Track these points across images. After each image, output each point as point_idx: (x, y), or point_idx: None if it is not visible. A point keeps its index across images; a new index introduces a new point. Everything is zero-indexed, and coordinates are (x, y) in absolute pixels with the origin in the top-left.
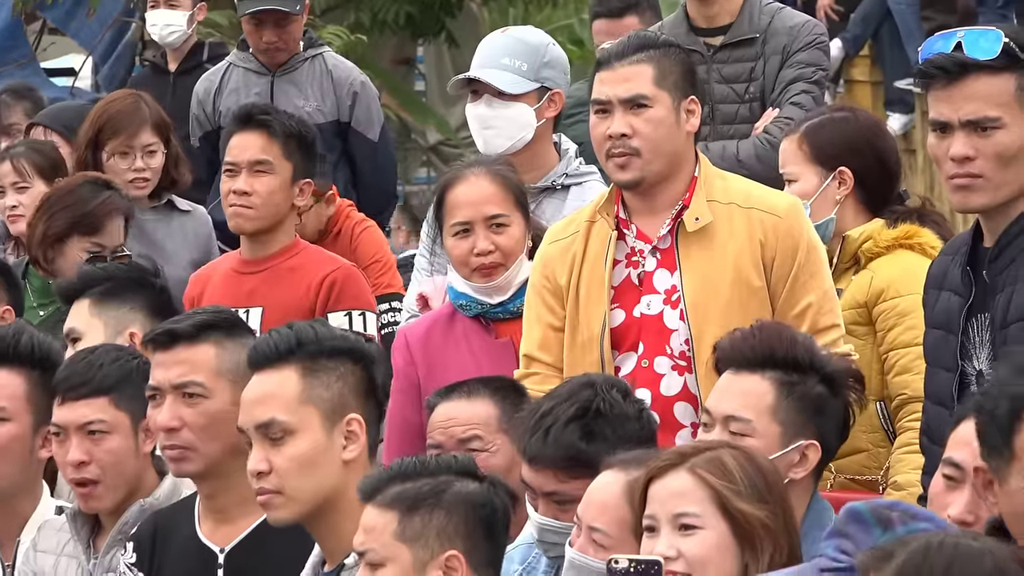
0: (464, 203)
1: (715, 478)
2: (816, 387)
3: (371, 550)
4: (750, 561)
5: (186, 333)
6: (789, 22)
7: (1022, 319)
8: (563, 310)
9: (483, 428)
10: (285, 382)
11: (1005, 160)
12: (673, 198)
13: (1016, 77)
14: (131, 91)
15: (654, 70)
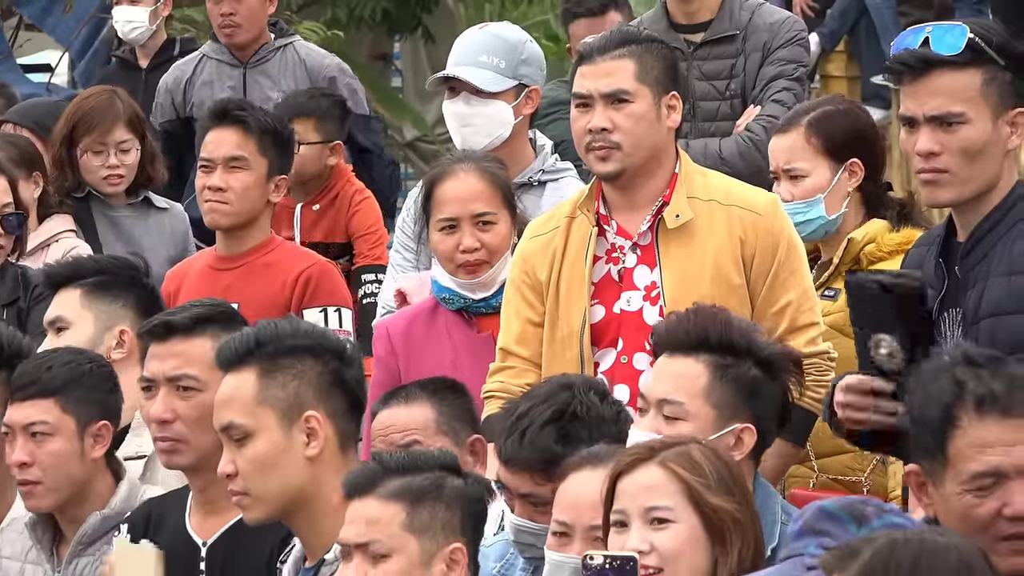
0: (452, 199)
1: (686, 472)
2: (752, 370)
3: (376, 541)
4: (720, 555)
5: (182, 325)
6: (769, 18)
7: (993, 315)
8: (542, 305)
9: (421, 432)
10: (243, 385)
11: (971, 155)
12: (654, 194)
13: (981, 72)
14: (107, 88)
15: (636, 65)
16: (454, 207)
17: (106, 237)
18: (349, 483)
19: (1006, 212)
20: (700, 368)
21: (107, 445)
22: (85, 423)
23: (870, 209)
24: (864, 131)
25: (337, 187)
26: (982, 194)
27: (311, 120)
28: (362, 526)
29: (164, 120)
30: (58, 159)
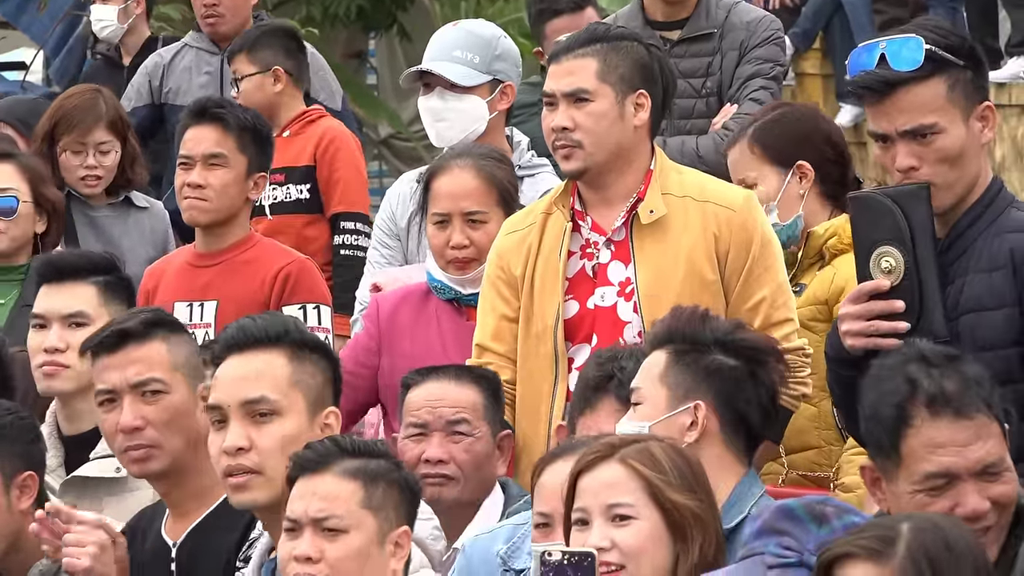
0: (444, 195)
1: (646, 468)
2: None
3: (334, 516)
4: (681, 551)
5: (136, 331)
6: (746, 17)
7: (973, 311)
8: (517, 301)
9: (471, 413)
10: (275, 363)
11: (950, 161)
12: (628, 190)
13: (944, 79)
14: (93, 87)
15: (599, 64)
16: (446, 203)
17: (85, 236)
18: (302, 460)
19: (985, 208)
20: (662, 356)
21: (34, 496)
22: (10, 475)
23: (837, 206)
24: (808, 133)
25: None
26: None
27: (243, 54)
28: (318, 501)
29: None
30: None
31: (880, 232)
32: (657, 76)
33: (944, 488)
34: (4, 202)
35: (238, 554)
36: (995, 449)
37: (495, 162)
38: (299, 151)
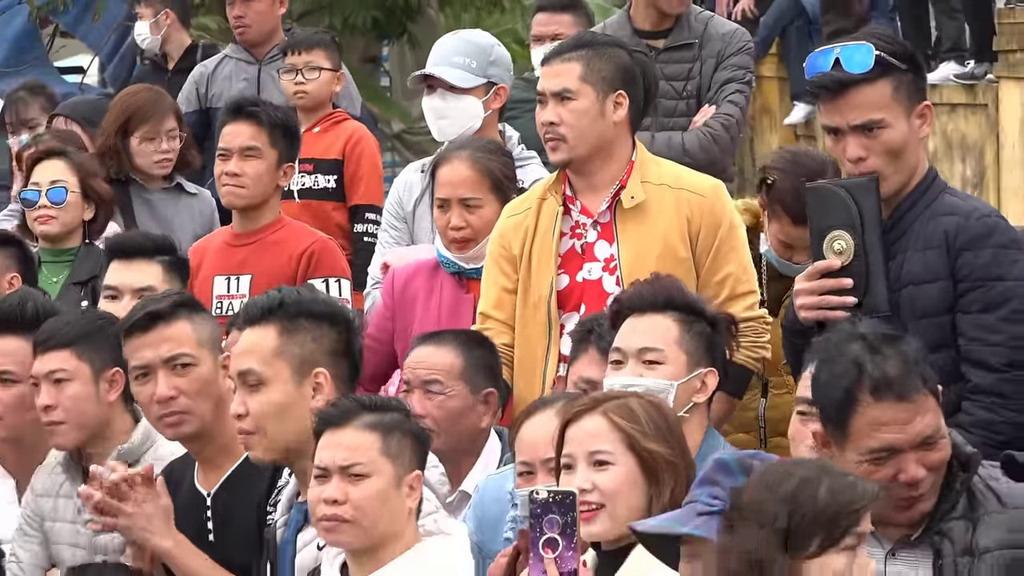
0: (444, 182)
1: (624, 421)
2: (706, 328)
3: (358, 464)
4: (654, 493)
5: (165, 312)
6: (722, 29)
7: (911, 284)
8: (516, 275)
9: (444, 374)
10: (263, 338)
11: (894, 153)
12: (611, 178)
13: (890, 81)
14: (148, 86)
15: (582, 67)
16: (446, 190)
17: (141, 217)
18: (326, 416)
19: (922, 194)
20: (669, 322)
21: (120, 389)
22: (99, 370)
23: None
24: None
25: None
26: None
27: (322, 49)
28: (343, 451)
29: (188, 111)
30: (110, 147)
31: (833, 218)
32: (638, 79)
33: (887, 459)
34: (55, 193)
35: (268, 500)
36: (932, 421)
37: (490, 154)
38: (328, 146)
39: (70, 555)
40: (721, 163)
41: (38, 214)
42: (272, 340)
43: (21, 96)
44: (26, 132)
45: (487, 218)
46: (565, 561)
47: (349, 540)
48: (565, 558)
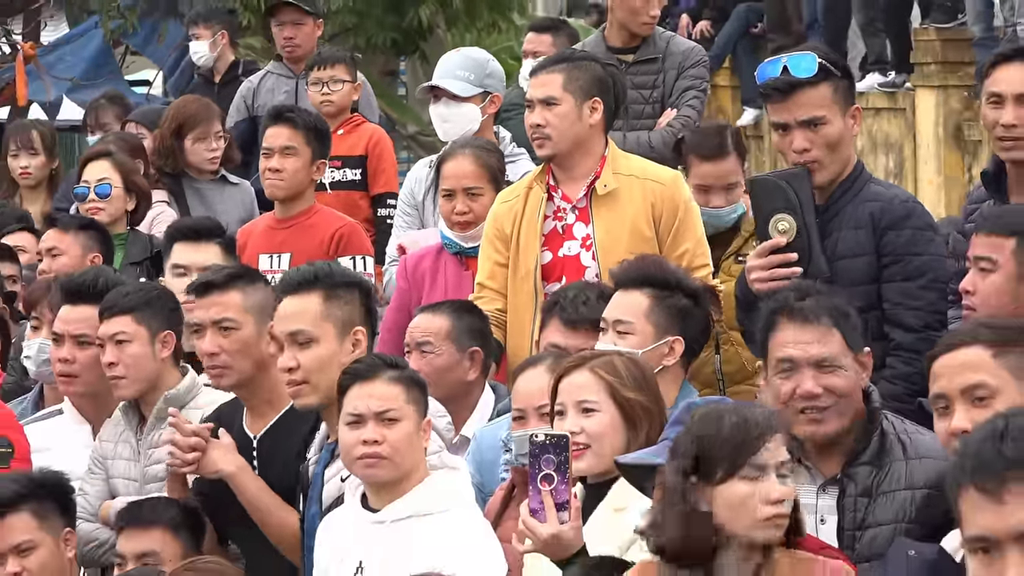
0: (450, 175)
1: (608, 375)
2: (682, 300)
3: (391, 410)
4: (632, 436)
5: (218, 282)
6: (681, 46)
7: (844, 258)
8: (507, 252)
9: (434, 336)
10: (310, 303)
11: (833, 146)
12: (588, 170)
13: (830, 85)
14: (198, 96)
15: (563, 78)
16: (451, 181)
17: (193, 204)
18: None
19: (852, 183)
20: (643, 297)
21: (171, 349)
22: (155, 332)
23: None
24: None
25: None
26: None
27: (343, 65)
28: (376, 400)
29: (238, 119)
30: (165, 147)
31: (776, 203)
32: (610, 87)
33: (789, 372)
34: (101, 188)
35: (307, 445)
36: (832, 351)
37: (488, 151)
38: (353, 145)
39: (124, 487)
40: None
41: (88, 207)
42: (318, 305)
43: (101, 103)
44: (100, 133)
45: (486, 205)
46: (559, 493)
47: (384, 475)
48: (559, 491)
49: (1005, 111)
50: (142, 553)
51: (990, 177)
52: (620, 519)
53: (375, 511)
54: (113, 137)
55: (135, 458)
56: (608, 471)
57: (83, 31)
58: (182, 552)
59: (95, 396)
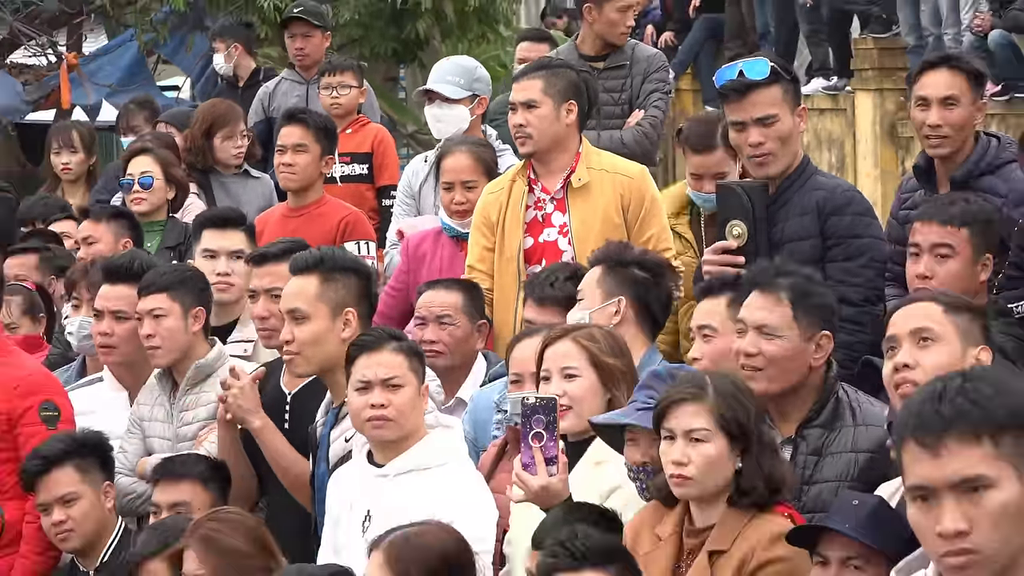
0: (449, 169)
1: (588, 343)
2: (633, 271)
3: (396, 376)
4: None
5: (274, 255)
6: (646, 53)
7: (791, 240)
8: (494, 237)
9: (452, 310)
10: (308, 285)
11: (784, 140)
12: (564, 165)
13: (781, 86)
14: (224, 100)
15: (543, 83)
16: (450, 175)
17: (219, 196)
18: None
19: (799, 175)
20: (598, 271)
21: (202, 323)
22: (187, 308)
23: None
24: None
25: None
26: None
27: (351, 72)
28: (383, 368)
29: (256, 120)
30: (196, 145)
31: (734, 209)
32: (584, 91)
33: (742, 332)
34: (144, 179)
35: None
36: (774, 320)
37: (482, 147)
38: (360, 142)
39: (159, 446)
40: (651, 153)
41: (132, 197)
42: (314, 287)
43: (131, 108)
44: (132, 135)
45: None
46: (548, 449)
47: (390, 435)
48: (548, 447)
49: (931, 113)
50: (175, 503)
51: (921, 170)
52: (600, 471)
53: (380, 466)
54: (150, 136)
55: (169, 420)
56: (587, 430)
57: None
58: (211, 502)
59: (131, 365)
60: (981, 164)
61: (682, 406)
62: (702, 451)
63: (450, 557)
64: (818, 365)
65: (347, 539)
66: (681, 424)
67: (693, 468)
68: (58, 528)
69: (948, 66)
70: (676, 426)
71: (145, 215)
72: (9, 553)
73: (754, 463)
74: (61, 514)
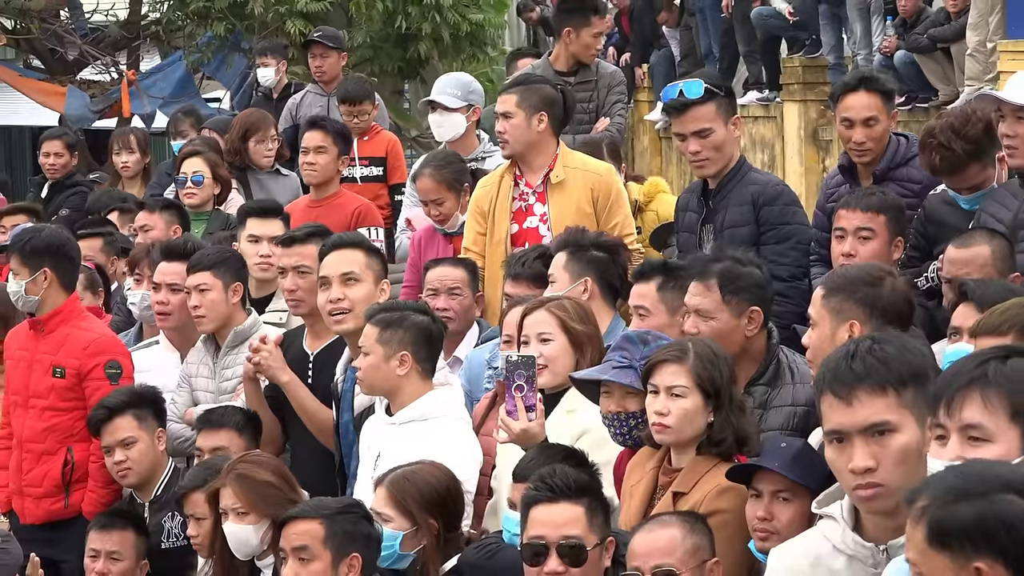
0: (419, 191)
1: (559, 312)
2: (593, 253)
3: (364, 346)
4: (580, 358)
5: (299, 237)
6: (609, 70)
7: (731, 227)
8: (485, 224)
9: (461, 283)
10: (357, 256)
11: (718, 147)
12: (543, 164)
13: (715, 103)
14: (259, 109)
15: (517, 97)
16: (421, 195)
17: (255, 191)
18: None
19: (736, 172)
20: (564, 255)
21: (240, 295)
22: (228, 283)
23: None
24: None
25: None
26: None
27: (368, 101)
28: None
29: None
30: (234, 147)
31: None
32: (559, 102)
33: (687, 316)
34: (196, 177)
35: None
36: (705, 304)
37: (443, 167)
38: (375, 147)
39: (203, 398)
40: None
41: (186, 191)
42: (363, 258)
43: (179, 116)
44: (180, 138)
45: (451, 206)
46: (528, 399)
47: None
48: (528, 397)
49: (855, 132)
50: (215, 447)
51: (845, 168)
52: (571, 418)
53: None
54: (199, 140)
55: (212, 376)
56: (560, 384)
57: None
58: (244, 447)
59: (182, 330)
60: (896, 158)
61: (666, 365)
62: (680, 405)
63: (442, 491)
64: (753, 335)
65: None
66: (664, 381)
67: (671, 419)
68: (119, 467)
69: (866, 88)
70: (659, 382)
71: (195, 207)
72: (80, 488)
73: (725, 418)
74: (121, 455)
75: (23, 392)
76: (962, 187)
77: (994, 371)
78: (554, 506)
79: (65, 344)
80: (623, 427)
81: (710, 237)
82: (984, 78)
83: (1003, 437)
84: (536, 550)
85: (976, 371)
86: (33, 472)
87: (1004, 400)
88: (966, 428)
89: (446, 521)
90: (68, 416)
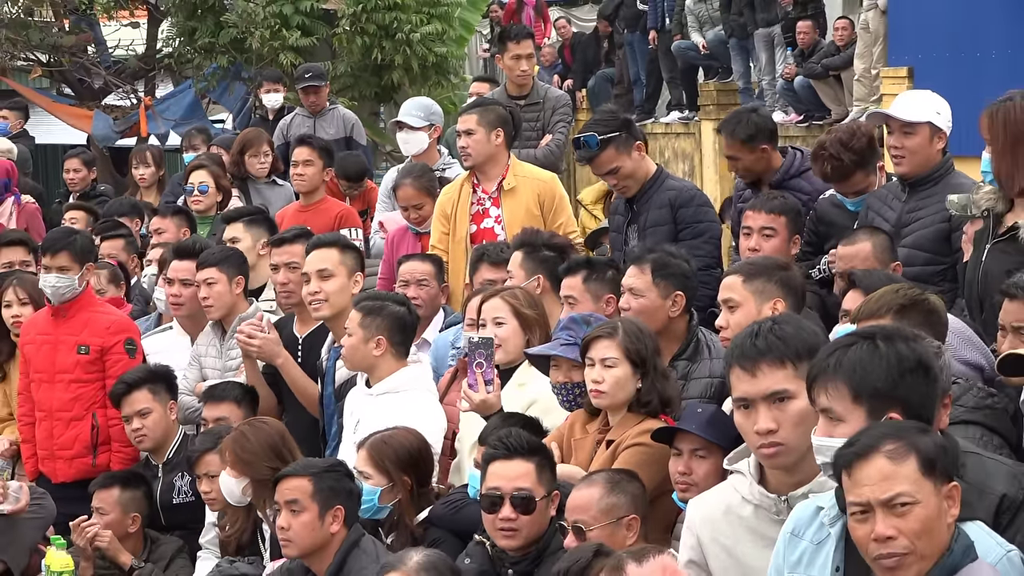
0: (401, 198)
1: (512, 299)
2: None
3: (349, 328)
4: (530, 337)
5: (289, 237)
6: (555, 94)
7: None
8: (449, 225)
9: (428, 276)
10: (332, 253)
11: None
12: (497, 174)
13: (612, 147)
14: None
15: (477, 116)
16: (402, 201)
17: (254, 198)
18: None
19: (655, 180)
20: (520, 254)
21: (242, 287)
22: (232, 277)
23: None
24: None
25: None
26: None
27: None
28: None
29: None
30: (234, 161)
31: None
32: (509, 121)
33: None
34: (201, 187)
35: None
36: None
37: (421, 176)
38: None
39: (211, 374)
40: (558, 164)
41: (192, 199)
42: (337, 255)
43: (192, 133)
44: (192, 151)
45: (429, 210)
46: (487, 374)
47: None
48: (486, 372)
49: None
50: (218, 417)
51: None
52: (522, 390)
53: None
54: (205, 155)
55: (218, 356)
56: (512, 360)
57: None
58: (243, 417)
59: (193, 317)
60: (791, 171)
61: (600, 341)
62: (612, 374)
63: (414, 452)
64: (676, 316)
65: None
66: (598, 354)
67: (605, 386)
68: (136, 434)
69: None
70: (595, 355)
71: (201, 212)
72: (104, 451)
73: (651, 384)
74: (138, 423)
75: (48, 370)
76: (848, 191)
77: (835, 362)
78: (509, 462)
79: (88, 325)
80: (569, 395)
81: (635, 236)
82: (870, 99)
83: (850, 417)
84: (493, 500)
85: (824, 362)
86: (64, 436)
87: (843, 386)
88: (824, 411)
89: (418, 478)
90: (92, 387)
